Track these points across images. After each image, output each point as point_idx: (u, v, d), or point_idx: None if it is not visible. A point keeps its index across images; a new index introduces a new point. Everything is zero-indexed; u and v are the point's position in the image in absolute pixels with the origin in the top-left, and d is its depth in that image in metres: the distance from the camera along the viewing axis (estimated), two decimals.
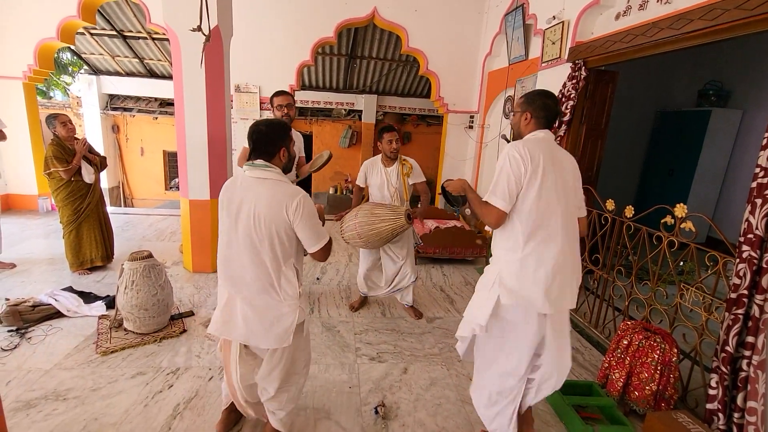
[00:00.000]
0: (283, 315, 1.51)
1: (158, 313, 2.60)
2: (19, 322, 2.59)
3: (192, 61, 3.32)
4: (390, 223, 2.62)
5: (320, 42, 5.53)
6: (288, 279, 1.51)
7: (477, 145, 5.89)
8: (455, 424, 2.02)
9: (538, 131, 1.65)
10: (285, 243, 1.48)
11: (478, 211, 1.65)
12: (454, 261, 4.50)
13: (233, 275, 1.53)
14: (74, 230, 3.39)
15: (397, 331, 2.89)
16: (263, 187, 1.46)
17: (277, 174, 1.50)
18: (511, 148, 1.57)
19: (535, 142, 1.61)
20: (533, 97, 1.67)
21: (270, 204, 1.43)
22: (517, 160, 1.53)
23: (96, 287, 3.26)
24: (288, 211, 1.44)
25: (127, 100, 8.73)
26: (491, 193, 1.57)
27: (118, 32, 6.83)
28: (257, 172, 1.49)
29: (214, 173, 3.58)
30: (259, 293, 1.49)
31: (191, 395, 2.08)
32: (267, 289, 1.49)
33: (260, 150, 1.51)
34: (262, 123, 1.54)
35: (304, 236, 1.50)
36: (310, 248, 1.53)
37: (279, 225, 1.45)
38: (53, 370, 2.21)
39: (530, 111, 1.65)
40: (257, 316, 1.49)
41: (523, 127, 1.70)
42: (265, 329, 1.50)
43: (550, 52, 3.85)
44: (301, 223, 1.46)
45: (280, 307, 1.51)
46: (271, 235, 1.45)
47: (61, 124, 3.27)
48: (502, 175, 1.55)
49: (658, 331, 2.15)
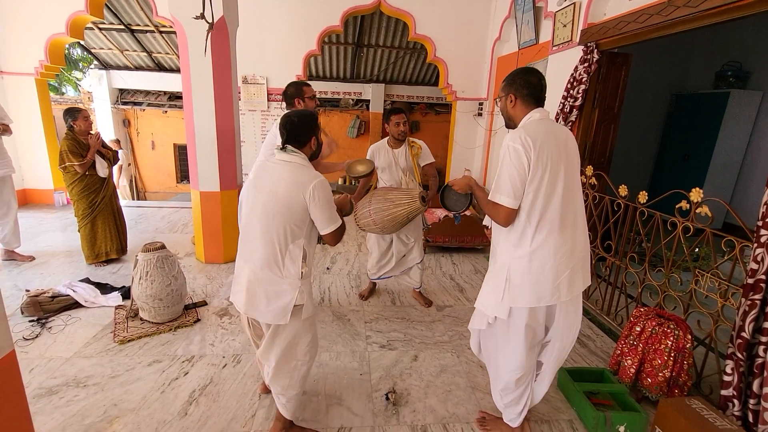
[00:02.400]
0: (282, 291, 1.56)
1: (172, 303, 2.66)
2: (40, 312, 2.67)
3: (199, 52, 3.32)
4: (405, 207, 2.58)
5: (326, 31, 5.47)
6: (292, 258, 1.56)
7: (486, 132, 5.81)
8: (466, 410, 2.03)
9: (533, 112, 1.55)
10: (297, 223, 1.54)
11: (486, 211, 1.58)
12: (463, 250, 4.48)
13: (246, 247, 1.62)
14: (89, 223, 3.46)
15: (407, 320, 2.91)
16: (286, 168, 1.56)
17: (301, 159, 1.60)
18: (510, 138, 1.49)
19: (532, 125, 1.51)
20: (513, 77, 1.57)
21: (289, 185, 1.52)
22: (518, 152, 1.45)
23: (111, 278, 3.34)
24: (305, 193, 1.51)
25: (136, 95, 8.80)
26: (495, 191, 1.51)
27: (126, 26, 6.86)
28: (285, 156, 1.59)
29: (223, 165, 3.60)
30: (263, 267, 1.56)
31: (206, 382, 2.13)
32: (271, 264, 1.55)
33: (292, 139, 1.61)
34: (294, 114, 1.65)
35: (317, 218, 1.56)
36: (323, 230, 1.59)
37: (294, 205, 1.52)
38: (73, 358, 2.28)
39: (512, 92, 1.57)
40: (259, 289, 1.56)
41: (511, 111, 1.60)
42: (264, 303, 1.56)
43: (561, 35, 3.76)
44: (316, 205, 1.53)
45: (281, 283, 1.56)
46: (285, 213, 1.52)
47: (84, 117, 3.34)
48: (505, 170, 1.48)
49: (671, 318, 2.12)
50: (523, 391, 1.71)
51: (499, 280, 1.58)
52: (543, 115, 1.55)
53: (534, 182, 1.46)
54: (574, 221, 1.55)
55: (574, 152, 1.57)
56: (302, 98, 2.50)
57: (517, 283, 1.54)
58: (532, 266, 1.51)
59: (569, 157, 1.53)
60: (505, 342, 1.65)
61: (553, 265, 1.50)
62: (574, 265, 1.54)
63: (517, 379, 1.67)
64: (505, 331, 1.64)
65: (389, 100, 9.15)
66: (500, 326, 1.65)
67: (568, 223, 1.53)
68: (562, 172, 1.49)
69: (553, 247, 1.50)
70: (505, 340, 1.65)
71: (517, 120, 1.60)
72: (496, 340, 1.69)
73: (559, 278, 1.51)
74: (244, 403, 1.99)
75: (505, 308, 1.57)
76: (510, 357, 1.65)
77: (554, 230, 1.51)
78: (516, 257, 1.54)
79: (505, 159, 1.48)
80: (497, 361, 1.71)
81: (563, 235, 1.52)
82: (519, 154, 1.45)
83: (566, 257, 1.52)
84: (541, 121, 1.53)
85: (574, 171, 1.55)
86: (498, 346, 1.69)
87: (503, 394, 1.74)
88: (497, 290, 1.59)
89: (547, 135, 1.49)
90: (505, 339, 1.65)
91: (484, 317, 1.68)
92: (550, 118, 1.60)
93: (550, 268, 1.50)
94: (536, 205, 1.48)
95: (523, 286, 1.53)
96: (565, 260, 1.52)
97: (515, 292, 1.54)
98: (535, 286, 1.52)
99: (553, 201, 1.49)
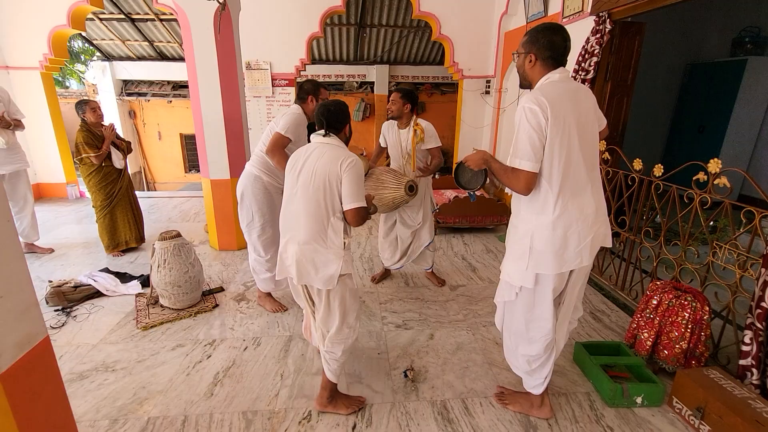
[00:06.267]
0: (329, 260, 1.66)
1: (191, 290, 2.71)
2: (64, 302, 2.75)
3: (203, 39, 3.29)
4: (391, 192, 2.60)
5: (329, 11, 5.36)
6: (335, 230, 1.67)
7: (494, 110, 5.72)
8: (483, 385, 2.07)
9: (552, 73, 1.48)
10: (335, 195, 1.65)
11: (505, 181, 1.54)
12: (474, 230, 4.48)
13: (291, 225, 1.73)
14: (108, 214, 3.52)
15: (421, 300, 2.94)
16: (326, 148, 1.70)
17: (339, 142, 1.75)
18: (526, 100, 1.44)
19: (551, 86, 1.46)
20: (536, 35, 1.47)
21: (327, 160, 1.65)
22: (535, 112, 1.40)
23: (130, 267, 3.41)
24: (341, 166, 1.62)
25: (140, 85, 8.79)
26: (514, 156, 1.47)
27: (126, 15, 6.80)
28: (325, 139, 1.73)
29: (232, 152, 3.61)
30: (309, 240, 1.67)
31: (229, 364, 2.19)
32: (316, 237, 1.67)
33: (330, 126, 1.73)
34: (331, 104, 1.76)
35: (345, 191, 1.64)
36: (347, 204, 1.65)
37: (332, 177, 1.63)
38: (100, 345, 2.36)
39: (534, 51, 1.49)
40: (307, 260, 1.67)
41: (528, 71, 1.53)
42: (313, 271, 1.67)
43: (572, 6, 3.64)
44: (347, 178, 1.63)
45: (327, 253, 1.67)
46: (325, 186, 1.63)
47: (91, 109, 3.35)
48: (522, 132, 1.43)
49: (689, 290, 2.12)
50: (550, 353, 1.72)
51: (522, 248, 1.57)
52: (563, 75, 1.49)
53: (554, 145, 1.43)
54: (595, 183, 1.53)
55: (594, 113, 1.54)
56: (316, 98, 2.48)
57: (540, 251, 1.52)
58: (556, 233, 1.49)
59: (588, 118, 1.50)
60: (534, 310, 1.65)
61: (575, 230, 1.49)
62: (597, 229, 1.53)
63: (548, 344, 1.68)
64: (532, 300, 1.64)
65: (394, 82, 9.01)
66: (527, 295, 1.64)
67: (589, 186, 1.51)
68: (579, 134, 1.46)
69: (576, 212, 1.49)
70: (533, 309, 1.65)
71: (533, 81, 1.54)
72: (524, 310, 1.68)
73: (582, 243, 1.50)
74: (266, 383, 2.05)
75: (530, 277, 1.57)
76: (541, 324, 1.65)
77: (576, 194, 1.49)
78: (539, 224, 1.52)
79: (522, 122, 1.43)
80: (528, 330, 1.70)
81: (585, 198, 1.50)
82: (536, 115, 1.40)
83: (589, 221, 1.50)
84: (560, 83, 1.47)
85: (593, 132, 1.53)
86: (527, 315, 1.67)
87: (532, 360, 1.74)
88: (521, 259, 1.57)
89: (565, 96, 1.44)
90: (533, 307, 1.65)
91: (511, 288, 1.67)
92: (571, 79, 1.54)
93: (573, 233, 1.49)
94: (556, 168, 1.45)
95: (547, 252, 1.52)
96: (589, 224, 1.50)
97: (539, 259, 1.54)
98: (559, 252, 1.51)
99: (574, 164, 1.46)
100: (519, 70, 1.59)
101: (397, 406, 1.92)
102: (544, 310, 1.63)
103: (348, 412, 1.84)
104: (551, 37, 1.46)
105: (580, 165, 1.47)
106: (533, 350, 1.72)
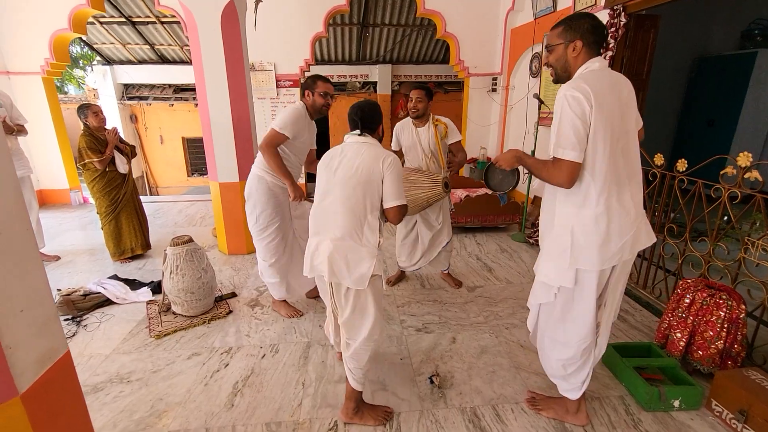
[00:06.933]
0: (362, 259, 1.62)
1: (204, 296, 2.64)
2: (74, 310, 2.68)
3: (210, 39, 3.23)
4: (425, 191, 2.53)
5: (333, 11, 5.30)
6: (371, 228, 1.64)
7: (501, 108, 5.66)
8: (513, 390, 2.00)
9: (591, 62, 1.43)
10: (375, 193, 1.63)
11: (544, 176, 1.47)
12: (486, 229, 4.41)
13: (324, 221, 1.68)
14: (113, 220, 3.44)
15: (439, 302, 2.87)
16: (364, 146, 1.68)
17: (375, 141, 1.73)
18: (567, 88, 1.38)
19: (592, 75, 1.41)
20: (578, 22, 1.42)
21: (367, 157, 1.63)
22: (578, 99, 1.34)
23: (139, 274, 3.34)
24: (383, 164, 1.61)
25: (142, 89, 8.70)
26: (557, 146, 1.40)
27: (127, 18, 6.72)
28: (361, 138, 1.71)
29: (241, 155, 3.54)
30: (344, 237, 1.63)
31: (248, 373, 2.12)
32: (352, 234, 1.63)
33: (365, 126, 1.72)
34: (365, 104, 1.74)
35: (387, 189, 1.63)
36: (389, 202, 1.64)
37: (373, 175, 1.61)
38: (113, 355, 2.28)
39: (579, 37, 1.42)
40: (340, 257, 1.62)
41: (572, 60, 1.46)
42: (346, 269, 1.62)
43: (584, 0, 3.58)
44: (390, 176, 1.62)
45: (361, 251, 1.63)
46: (364, 184, 1.61)
47: (93, 113, 3.27)
48: (565, 121, 1.37)
49: (722, 288, 2.05)
50: (587, 357, 1.65)
51: (562, 245, 1.50)
52: (602, 64, 1.44)
53: (597, 134, 1.37)
54: (636, 176, 1.47)
55: (633, 103, 1.48)
56: (312, 92, 2.33)
57: (582, 246, 1.46)
58: (599, 227, 1.43)
59: (629, 109, 1.45)
60: (572, 311, 1.58)
61: (617, 224, 1.43)
62: (639, 223, 1.47)
63: (585, 348, 1.61)
64: (570, 300, 1.57)
65: (397, 81, 8.94)
66: (565, 296, 1.57)
67: (631, 179, 1.45)
68: (622, 124, 1.41)
69: (618, 206, 1.43)
70: (572, 309, 1.58)
71: (573, 70, 1.48)
72: (562, 312, 1.61)
73: (624, 238, 1.44)
74: (288, 393, 1.98)
75: (570, 275, 1.50)
76: (580, 325, 1.57)
77: (620, 187, 1.43)
78: (581, 218, 1.45)
79: (565, 110, 1.37)
80: (564, 332, 1.62)
81: (628, 191, 1.44)
82: (579, 102, 1.35)
83: (632, 215, 1.45)
84: (600, 71, 1.42)
85: (633, 123, 1.47)
86: (565, 317, 1.60)
87: (568, 365, 1.67)
88: (561, 256, 1.50)
89: (607, 85, 1.39)
90: (572, 308, 1.58)
91: (549, 289, 1.59)
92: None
93: (617, 227, 1.43)
94: (600, 159, 1.39)
95: (589, 248, 1.45)
96: (631, 219, 1.45)
97: (581, 256, 1.47)
98: (602, 247, 1.44)
99: (616, 155, 1.40)
100: (558, 63, 1.52)
101: (426, 414, 1.85)
102: (585, 311, 1.55)
103: (376, 424, 1.77)
104: (592, 21, 1.43)
105: (623, 157, 1.42)
106: (568, 353, 1.65)
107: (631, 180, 1.46)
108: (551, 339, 1.69)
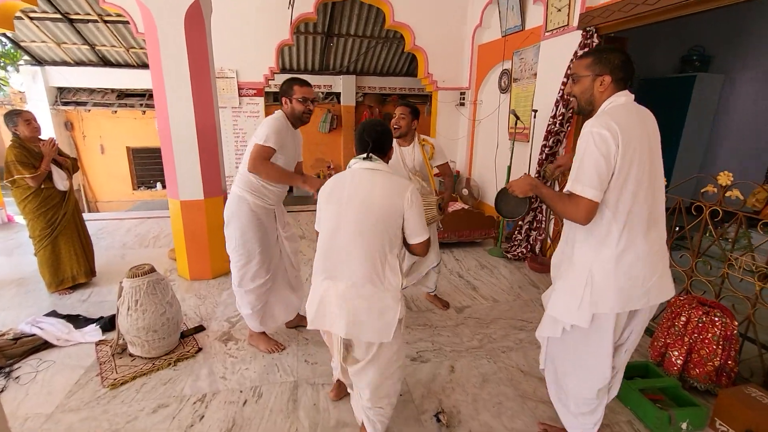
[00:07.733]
0: (387, 306, 1.46)
1: (168, 334, 2.30)
2: (2, 359, 2.21)
3: (171, 41, 2.91)
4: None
5: (300, 19, 5.09)
6: (392, 269, 1.48)
7: (470, 122, 5.72)
8: (523, 423, 1.89)
9: (617, 96, 1.39)
10: (396, 229, 1.49)
11: (559, 209, 1.40)
12: (462, 244, 4.37)
13: (338, 264, 1.50)
14: (49, 245, 2.94)
15: (429, 326, 2.73)
16: (378, 176, 1.51)
17: (387, 168, 1.57)
18: (595, 124, 1.32)
19: (617, 110, 1.36)
20: (609, 56, 1.38)
21: (385, 191, 1.47)
22: (605, 138, 1.29)
23: (83, 308, 2.88)
24: (403, 199, 1.47)
25: (79, 93, 7.87)
26: (575, 181, 1.34)
27: (64, 15, 6.05)
28: (371, 164, 1.53)
29: (206, 169, 3.20)
30: (364, 283, 1.46)
31: (229, 425, 1.83)
32: (373, 278, 1.46)
33: (377, 148, 1.56)
34: (378, 125, 1.60)
35: (412, 225, 1.49)
36: (415, 238, 1.51)
37: (393, 212, 1.46)
38: (57, 414, 1.88)
39: (608, 72, 1.39)
40: (363, 306, 1.45)
41: (598, 94, 1.42)
42: (368, 321, 1.45)
43: (556, 20, 3.68)
44: (412, 211, 1.48)
45: (385, 297, 1.47)
46: (384, 221, 1.46)
47: (25, 121, 2.79)
48: (589, 158, 1.31)
49: (715, 305, 2.09)
50: (601, 399, 1.58)
51: (578, 281, 1.42)
52: (629, 98, 1.39)
53: (622, 173, 1.31)
54: (661, 217, 1.43)
55: (657, 139, 1.43)
56: (290, 99, 2.11)
57: (601, 287, 1.38)
58: (620, 269, 1.36)
59: (656, 145, 1.40)
60: (587, 352, 1.50)
61: (643, 267, 1.36)
62: (664, 266, 1.42)
63: (600, 390, 1.53)
64: (586, 341, 1.48)
65: (361, 92, 8.85)
66: (579, 335, 1.49)
67: (656, 220, 1.40)
68: (650, 163, 1.35)
69: (642, 247, 1.36)
70: (587, 350, 1.50)
71: (598, 104, 1.43)
72: (575, 351, 1.53)
73: (650, 281, 1.37)
74: None
75: (586, 315, 1.42)
76: (594, 368, 1.50)
77: (643, 228, 1.37)
78: (600, 259, 1.38)
79: (590, 146, 1.31)
80: (576, 374, 1.55)
81: (652, 233, 1.39)
82: (606, 141, 1.28)
83: (657, 257, 1.39)
84: (626, 106, 1.37)
85: (660, 162, 1.42)
86: (579, 357, 1.53)
87: (579, 405, 1.59)
88: (575, 295, 1.42)
89: (634, 121, 1.34)
90: (587, 349, 1.49)
91: (557, 324, 1.52)
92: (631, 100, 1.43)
93: (640, 270, 1.36)
94: (624, 199, 1.33)
95: (609, 289, 1.38)
96: (656, 261, 1.39)
97: (599, 297, 1.39)
98: (624, 290, 1.37)
99: (641, 195, 1.35)
100: (583, 95, 1.46)
101: None
102: (602, 352, 1.48)
103: None
104: (623, 58, 1.38)
105: (649, 197, 1.37)
106: (583, 393, 1.57)
107: (661, 220, 1.42)
108: (564, 375, 1.62)
